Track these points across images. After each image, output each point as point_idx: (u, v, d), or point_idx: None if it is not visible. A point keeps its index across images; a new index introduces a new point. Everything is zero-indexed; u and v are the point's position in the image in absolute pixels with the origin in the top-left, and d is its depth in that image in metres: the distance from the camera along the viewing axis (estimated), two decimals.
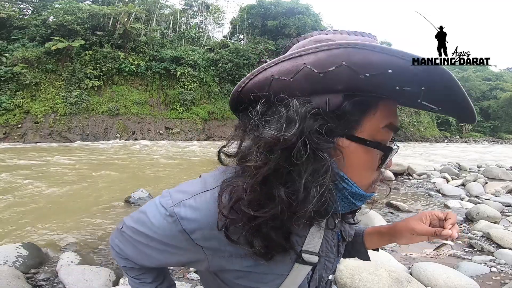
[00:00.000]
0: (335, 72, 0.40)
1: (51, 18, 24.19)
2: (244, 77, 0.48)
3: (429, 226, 0.59)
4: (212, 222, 0.47)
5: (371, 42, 0.44)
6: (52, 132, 20.47)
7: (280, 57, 0.45)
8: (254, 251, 0.46)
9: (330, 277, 0.63)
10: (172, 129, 24.54)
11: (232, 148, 0.50)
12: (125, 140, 21.59)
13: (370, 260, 0.77)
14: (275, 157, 0.41)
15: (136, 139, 22.22)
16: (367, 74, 0.39)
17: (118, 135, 22.25)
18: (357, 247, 0.77)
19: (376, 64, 0.38)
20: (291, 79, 0.43)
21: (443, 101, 0.41)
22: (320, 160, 0.42)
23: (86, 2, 29.18)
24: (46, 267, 2.68)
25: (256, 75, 0.47)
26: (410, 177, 7.49)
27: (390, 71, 0.38)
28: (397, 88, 0.40)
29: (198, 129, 25.31)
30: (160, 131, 24.07)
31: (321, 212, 0.45)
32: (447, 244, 0.56)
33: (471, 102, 0.39)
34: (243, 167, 0.45)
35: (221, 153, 0.52)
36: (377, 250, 0.78)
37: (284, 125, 0.41)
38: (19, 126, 19.58)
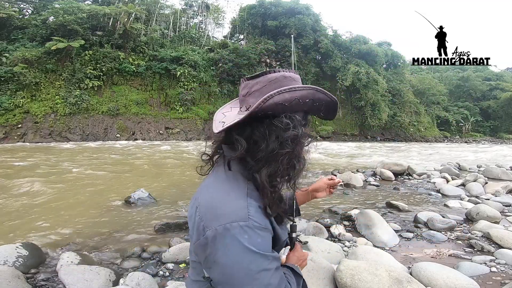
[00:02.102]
0: (306, 102, 0.75)
1: (51, 18, 24.18)
2: (257, 103, 0.70)
3: None
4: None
5: (299, 78, 0.80)
6: (52, 132, 20.47)
7: (281, 89, 0.72)
8: (276, 219, 0.78)
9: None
10: (172, 129, 24.55)
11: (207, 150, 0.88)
12: (125, 140, 21.59)
13: (300, 215, 1.12)
14: (294, 145, 0.73)
15: (136, 139, 22.23)
16: (317, 104, 0.77)
17: (118, 135, 22.25)
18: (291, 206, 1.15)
19: (320, 99, 0.77)
20: (288, 105, 0.73)
21: (328, 112, 0.81)
22: (303, 145, 0.79)
23: (86, 2, 29.16)
24: (46, 267, 2.68)
25: (267, 101, 0.71)
26: (410, 177, 7.48)
27: (323, 102, 0.78)
28: (322, 110, 0.80)
29: (198, 129, 25.30)
30: (160, 131, 24.08)
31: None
32: (340, 184, 1.14)
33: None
34: (269, 158, 0.72)
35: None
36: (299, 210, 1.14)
37: (297, 128, 0.74)
38: (19, 126, 19.58)
